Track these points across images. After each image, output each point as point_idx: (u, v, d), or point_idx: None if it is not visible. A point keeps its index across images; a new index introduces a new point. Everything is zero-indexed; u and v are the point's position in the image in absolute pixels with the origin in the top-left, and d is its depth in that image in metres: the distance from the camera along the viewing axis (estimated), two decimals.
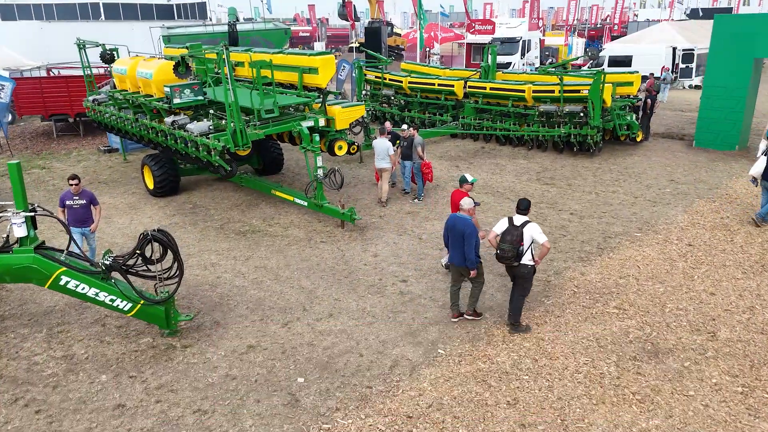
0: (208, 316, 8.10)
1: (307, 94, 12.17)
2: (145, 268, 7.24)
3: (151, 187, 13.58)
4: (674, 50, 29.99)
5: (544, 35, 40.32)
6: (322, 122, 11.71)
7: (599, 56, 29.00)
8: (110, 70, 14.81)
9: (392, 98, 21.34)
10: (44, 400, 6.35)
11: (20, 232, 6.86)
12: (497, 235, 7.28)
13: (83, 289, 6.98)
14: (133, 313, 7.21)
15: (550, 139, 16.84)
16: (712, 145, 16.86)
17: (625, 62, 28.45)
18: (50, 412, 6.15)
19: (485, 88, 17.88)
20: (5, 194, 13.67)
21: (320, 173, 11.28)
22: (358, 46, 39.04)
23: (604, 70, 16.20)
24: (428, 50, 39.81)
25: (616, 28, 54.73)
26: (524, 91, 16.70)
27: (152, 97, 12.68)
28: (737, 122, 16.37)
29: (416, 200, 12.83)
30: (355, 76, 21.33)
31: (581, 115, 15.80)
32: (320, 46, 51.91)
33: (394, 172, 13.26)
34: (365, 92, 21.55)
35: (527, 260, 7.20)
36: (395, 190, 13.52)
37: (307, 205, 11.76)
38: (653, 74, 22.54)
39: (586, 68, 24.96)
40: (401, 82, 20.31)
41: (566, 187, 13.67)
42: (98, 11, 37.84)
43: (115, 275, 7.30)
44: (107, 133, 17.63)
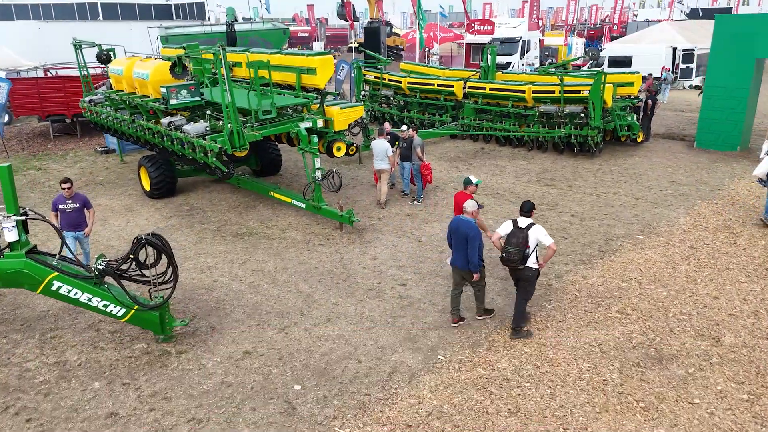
0: (203, 320, 7.96)
1: (305, 94, 12.07)
2: (139, 272, 7.12)
3: (147, 188, 13.44)
4: (674, 50, 29.90)
5: (543, 35, 40.21)
6: (320, 123, 11.61)
7: (600, 56, 28.92)
8: (107, 70, 14.68)
9: (391, 99, 21.21)
10: (35, 408, 6.22)
11: (11, 236, 6.73)
12: (501, 236, 7.17)
13: (76, 294, 6.85)
14: (126, 318, 7.07)
15: (550, 139, 16.72)
16: (713, 145, 16.75)
17: (625, 62, 28.36)
18: (41, 420, 6.01)
19: (485, 88, 17.77)
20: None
21: (318, 175, 11.16)
22: (357, 46, 38.96)
23: (604, 70, 16.08)
24: (427, 50, 39.71)
25: (615, 28, 54.67)
26: (524, 91, 16.59)
27: (149, 97, 12.55)
28: (738, 123, 16.27)
29: (415, 202, 12.70)
30: (353, 76, 21.22)
31: (582, 115, 15.69)
32: (319, 46, 51.74)
33: (393, 173, 13.14)
34: (364, 93, 21.43)
35: (532, 263, 7.09)
36: (394, 191, 13.40)
37: (305, 207, 11.64)
38: (651, 75, 22.41)
39: (585, 68, 24.85)
40: (400, 82, 20.18)
41: (567, 188, 13.54)
42: (96, 11, 37.69)
43: (108, 280, 7.17)
44: (104, 134, 17.51)
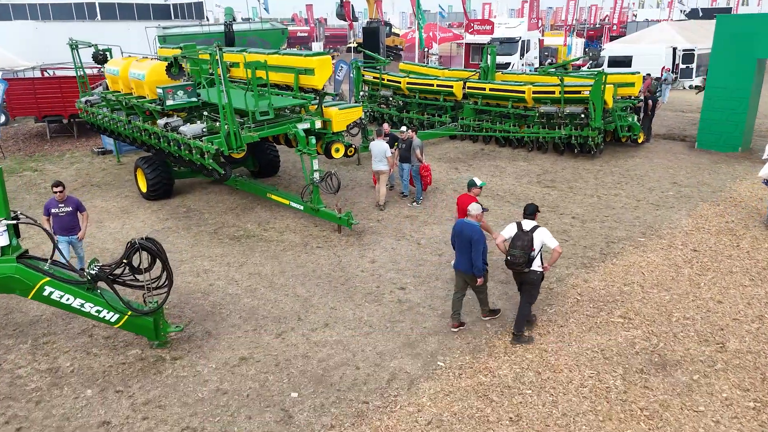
0: (199, 325, 7.83)
1: (303, 95, 11.93)
2: (132, 277, 6.98)
3: (144, 190, 13.29)
4: (674, 50, 29.78)
5: (543, 35, 40.10)
6: (318, 124, 11.47)
7: (600, 56, 28.81)
8: (103, 70, 14.53)
9: (390, 99, 21.09)
10: (26, 416, 6.08)
11: (2, 240, 6.59)
12: (505, 240, 7.05)
13: (68, 299, 6.71)
14: (120, 324, 6.93)
15: (550, 140, 16.59)
16: (714, 146, 16.64)
17: (625, 63, 28.24)
18: (32, 429, 5.88)
19: (484, 88, 17.64)
20: None
21: (317, 176, 11.02)
22: (356, 46, 38.80)
23: (603, 70, 15.96)
24: (427, 50, 39.59)
25: (614, 28, 54.56)
26: (524, 92, 16.46)
27: (145, 98, 12.41)
28: (740, 123, 16.15)
29: (415, 204, 12.57)
30: (352, 76, 21.07)
31: (582, 116, 15.57)
32: (318, 46, 51.57)
33: (392, 174, 13.01)
34: (363, 93, 21.29)
35: (536, 266, 6.97)
36: (393, 193, 13.27)
37: (303, 209, 11.50)
38: (650, 75, 22.26)
39: (585, 69, 24.73)
40: (399, 82, 20.05)
41: (567, 190, 13.42)
42: (94, 11, 37.51)
43: (102, 285, 7.04)
44: (101, 134, 17.35)
